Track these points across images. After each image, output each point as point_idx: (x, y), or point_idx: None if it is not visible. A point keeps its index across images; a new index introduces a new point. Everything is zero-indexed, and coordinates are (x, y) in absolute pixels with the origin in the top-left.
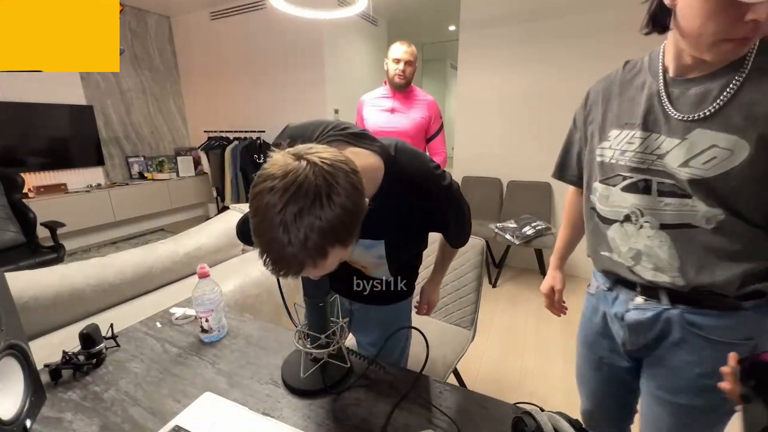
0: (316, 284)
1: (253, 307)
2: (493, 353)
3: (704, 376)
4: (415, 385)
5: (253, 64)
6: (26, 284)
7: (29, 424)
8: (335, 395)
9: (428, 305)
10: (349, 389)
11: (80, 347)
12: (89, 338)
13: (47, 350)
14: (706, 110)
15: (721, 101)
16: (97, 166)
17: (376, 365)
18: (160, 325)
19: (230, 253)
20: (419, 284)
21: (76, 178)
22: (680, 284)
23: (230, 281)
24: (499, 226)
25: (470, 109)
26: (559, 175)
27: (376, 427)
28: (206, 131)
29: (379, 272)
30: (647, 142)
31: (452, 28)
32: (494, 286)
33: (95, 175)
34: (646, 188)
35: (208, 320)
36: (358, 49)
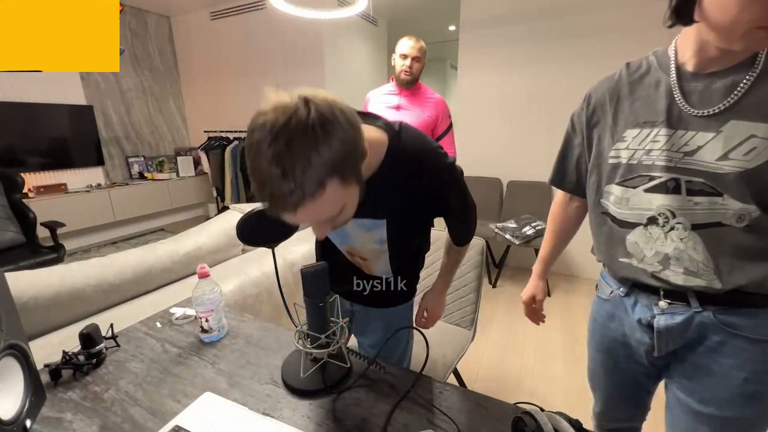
0: (316, 284)
1: (253, 307)
2: (493, 353)
3: (751, 381)
4: (414, 385)
5: (253, 64)
6: (26, 284)
7: (29, 424)
8: (335, 395)
9: (428, 315)
10: (349, 389)
11: (80, 347)
12: (89, 338)
13: (47, 350)
14: (738, 101)
15: (753, 90)
16: (97, 166)
17: (376, 365)
18: (160, 325)
19: (230, 253)
20: (422, 291)
21: (76, 178)
22: (716, 287)
23: (230, 281)
24: (499, 226)
25: (470, 109)
26: (557, 182)
27: (376, 427)
28: (206, 131)
29: (379, 264)
30: (673, 139)
31: (452, 28)
32: (494, 286)
33: (95, 175)
34: (675, 188)
35: (208, 320)
36: (358, 49)
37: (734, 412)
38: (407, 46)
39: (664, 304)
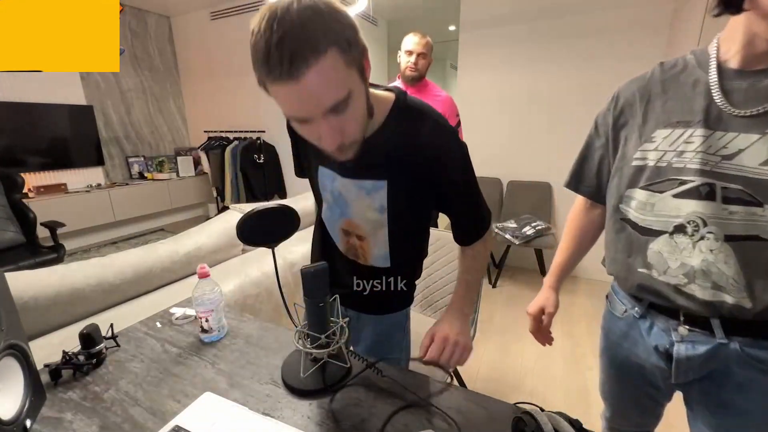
0: (316, 284)
1: (253, 307)
2: (493, 353)
3: None
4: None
5: None
6: (26, 284)
7: (29, 424)
8: (335, 395)
9: (434, 340)
10: (348, 388)
11: (80, 347)
12: (89, 338)
13: (47, 350)
14: None
15: None
16: (97, 166)
17: (375, 370)
18: (160, 325)
19: (230, 253)
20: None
21: (76, 178)
22: (747, 306)
23: (230, 281)
24: (499, 226)
25: (470, 109)
26: (574, 185)
27: (375, 427)
28: (206, 131)
29: (378, 245)
30: (710, 140)
31: (452, 28)
32: (494, 286)
33: (95, 175)
34: (709, 194)
35: (208, 320)
36: None
37: None
38: (412, 42)
39: (684, 330)
